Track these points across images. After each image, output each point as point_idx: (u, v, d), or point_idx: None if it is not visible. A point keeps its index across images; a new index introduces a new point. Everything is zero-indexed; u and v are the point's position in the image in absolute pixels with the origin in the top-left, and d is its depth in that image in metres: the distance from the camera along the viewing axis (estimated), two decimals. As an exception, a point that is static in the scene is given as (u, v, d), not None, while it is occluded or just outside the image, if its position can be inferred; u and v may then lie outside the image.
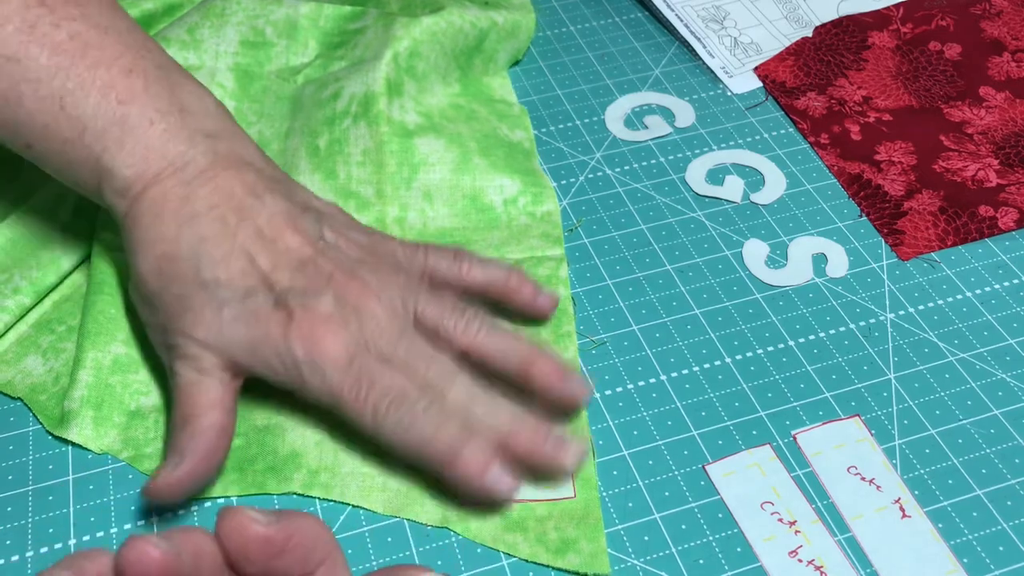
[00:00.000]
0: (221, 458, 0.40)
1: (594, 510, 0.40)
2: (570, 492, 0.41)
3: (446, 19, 0.55)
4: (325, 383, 0.39)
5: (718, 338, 0.47)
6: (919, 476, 0.42)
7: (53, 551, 0.40)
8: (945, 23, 0.64)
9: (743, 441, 0.43)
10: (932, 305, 0.48)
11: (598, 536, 0.39)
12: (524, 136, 0.55)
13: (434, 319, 0.41)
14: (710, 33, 0.63)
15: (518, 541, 0.39)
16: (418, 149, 0.51)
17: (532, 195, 0.51)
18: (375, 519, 0.40)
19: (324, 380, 0.39)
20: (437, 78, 0.55)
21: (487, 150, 0.52)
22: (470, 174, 0.51)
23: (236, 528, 0.26)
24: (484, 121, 0.54)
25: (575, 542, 0.39)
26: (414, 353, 0.40)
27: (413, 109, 0.53)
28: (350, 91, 0.52)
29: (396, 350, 0.40)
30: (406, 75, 0.53)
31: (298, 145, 0.52)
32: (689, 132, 0.57)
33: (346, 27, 0.57)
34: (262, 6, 0.56)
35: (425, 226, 0.50)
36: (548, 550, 0.39)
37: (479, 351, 0.41)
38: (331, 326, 0.39)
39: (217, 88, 0.54)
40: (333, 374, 0.39)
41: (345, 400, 0.39)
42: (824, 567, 0.39)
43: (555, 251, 0.49)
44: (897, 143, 0.56)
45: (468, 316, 0.41)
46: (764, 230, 0.52)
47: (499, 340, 0.41)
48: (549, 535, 0.39)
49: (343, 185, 0.50)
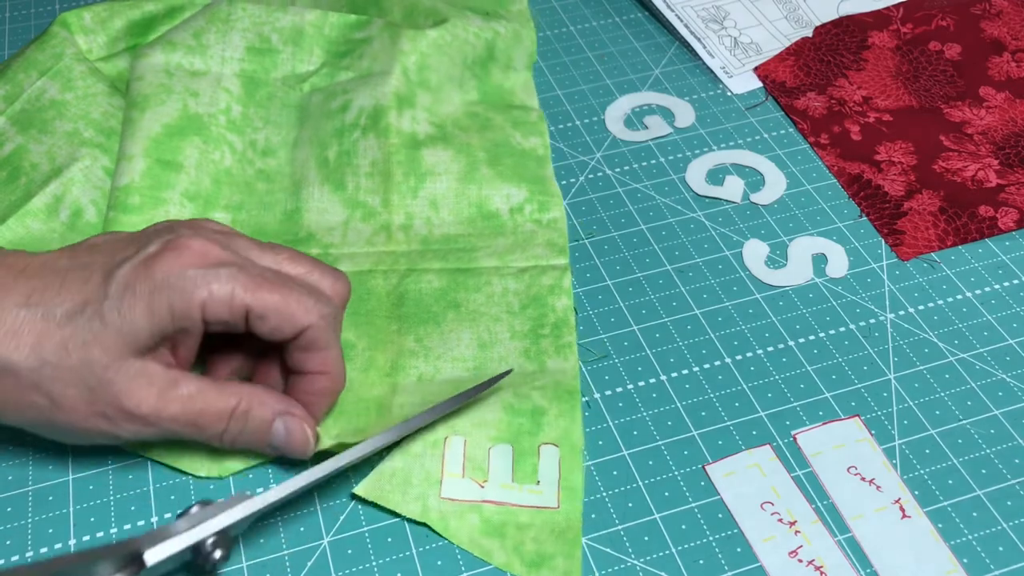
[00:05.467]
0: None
1: (575, 524, 0.40)
2: (554, 502, 0.41)
3: (451, 31, 0.56)
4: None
5: (718, 338, 0.47)
6: (919, 476, 0.42)
7: (53, 551, 0.40)
8: (945, 23, 0.64)
9: (743, 441, 0.43)
10: (932, 305, 0.48)
11: (575, 553, 0.39)
12: (539, 142, 0.55)
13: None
14: (710, 33, 0.63)
15: (494, 548, 0.39)
16: (425, 160, 0.52)
17: (539, 203, 0.51)
18: (375, 519, 0.40)
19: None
20: (453, 87, 0.56)
21: (496, 160, 0.53)
22: (476, 183, 0.51)
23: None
24: (498, 130, 0.54)
25: (551, 558, 0.39)
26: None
27: (426, 120, 0.53)
28: (359, 104, 0.53)
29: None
30: (418, 87, 0.54)
31: (307, 156, 0.52)
32: (689, 132, 0.57)
33: (351, 36, 0.57)
34: (268, 13, 0.56)
35: (430, 233, 0.50)
36: (523, 562, 0.39)
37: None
38: (194, 238, 0.39)
39: (223, 93, 0.54)
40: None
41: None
42: (824, 567, 0.39)
43: (559, 260, 0.49)
44: (897, 143, 0.56)
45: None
46: (764, 230, 0.52)
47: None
48: (526, 546, 0.39)
49: (351, 196, 0.51)
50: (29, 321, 0.37)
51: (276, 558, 0.39)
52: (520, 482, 0.41)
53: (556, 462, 0.41)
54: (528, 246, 0.50)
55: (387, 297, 0.47)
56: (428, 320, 0.46)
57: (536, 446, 0.42)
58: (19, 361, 0.37)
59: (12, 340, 0.37)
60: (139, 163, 0.50)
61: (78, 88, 0.54)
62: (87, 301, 0.38)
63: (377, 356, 0.45)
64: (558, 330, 0.46)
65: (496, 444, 0.42)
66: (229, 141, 0.52)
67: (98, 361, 0.37)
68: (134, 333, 0.37)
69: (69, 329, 0.37)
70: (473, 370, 0.44)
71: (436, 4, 0.60)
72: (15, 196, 0.50)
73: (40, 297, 0.38)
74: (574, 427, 0.43)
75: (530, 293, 0.47)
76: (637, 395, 0.45)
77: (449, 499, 0.40)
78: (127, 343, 0.37)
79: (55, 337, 0.37)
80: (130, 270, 0.38)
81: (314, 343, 0.40)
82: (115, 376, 0.37)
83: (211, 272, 0.38)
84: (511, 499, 0.40)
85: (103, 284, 0.38)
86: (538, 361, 0.45)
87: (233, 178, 0.51)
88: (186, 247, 0.38)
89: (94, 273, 0.39)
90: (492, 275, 0.48)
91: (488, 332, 0.46)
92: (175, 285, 0.38)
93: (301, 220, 0.51)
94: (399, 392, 0.44)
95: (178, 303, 0.38)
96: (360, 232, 0.50)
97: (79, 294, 0.38)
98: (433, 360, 0.45)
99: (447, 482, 0.41)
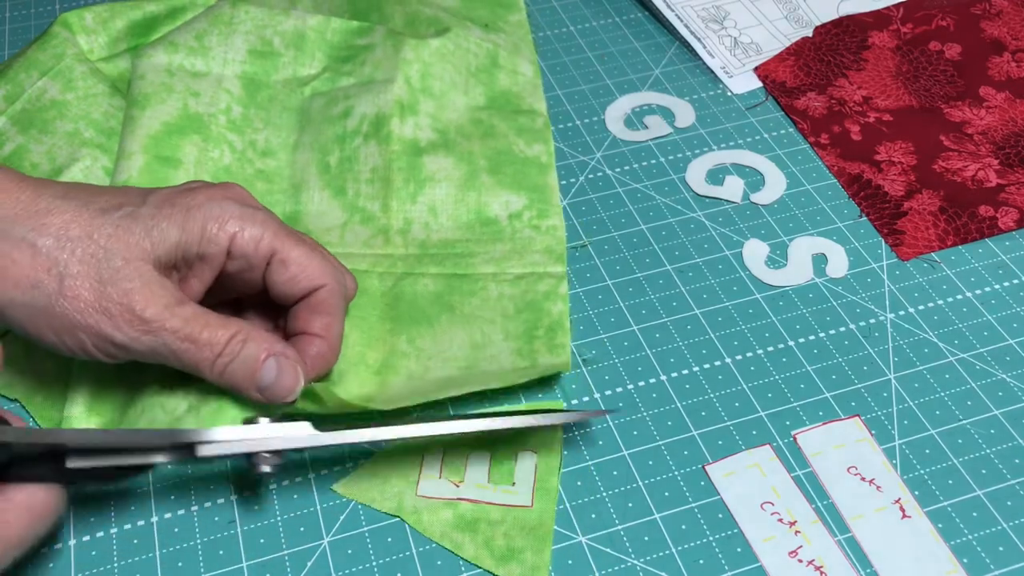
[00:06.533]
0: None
1: (547, 522, 0.40)
2: (528, 501, 0.41)
3: (453, 41, 0.56)
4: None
5: (718, 338, 0.47)
6: (919, 476, 0.42)
7: (53, 551, 0.40)
8: (945, 23, 0.64)
9: (743, 441, 0.43)
10: (932, 305, 0.48)
11: (544, 549, 0.39)
12: (542, 150, 0.54)
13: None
14: (710, 33, 0.63)
15: (464, 541, 0.40)
16: (426, 166, 0.52)
17: (538, 210, 0.51)
18: (375, 519, 0.41)
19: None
20: (457, 93, 0.56)
21: (497, 168, 0.52)
22: (476, 190, 0.51)
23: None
24: (501, 137, 0.54)
25: (521, 552, 0.39)
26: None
27: (429, 126, 0.53)
28: (361, 110, 0.53)
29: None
30: (421, 95, 0.54)
31: (308, 161, 0.52)
32: (689, 132, 0.57)
33: (353, 42, 0.57)
34: (270, 16, 0.57)
35: (428, 237, 0.50)
36: (492, 556, 0.39)
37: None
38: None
39: (224, 94, 0.54)
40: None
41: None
42: (824, 567, 0.39)
43: (556, 268, 0.49)
44: (897, 143, 0.56)
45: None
46: (764, 230, 0.52)
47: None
48: (497, 541, 0.40)
49: (351, 201, 0.51)
50: (62, 207, 0.38)
51: (276, 558, 0.39)
52: (496, 483, 0.41)
53: (533, 466, 0.42)
54: (526, 252, 0.50)
55: (382, 298, 0.47)
56: (421, 322, 0.46)
57: (515, 452, 0.42)
58: (43, 235, 0.38)
59: (42, 218, 0.38)
60: (138, 160, 0.50)
61: (79, 88, 0.54)
62: (124, 203, 0.40)
63: (368, 353, 0.45)
64: (552, 332, 0.46)
65: (475, 451, 0.42)
66: (229, 140, 0.52)
67: (119, 254, 0.38)
68: (162, 240, 0.39)
69: (100, 220, 0.39)
70: (464, 369, 0.44)
71: (438, 13, 0.60)
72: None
73: (78, 193, 0.39)
74: (555, 434, 0.43)
75: (525, 299, 0.47)
76: (637, 395, 0.45)
77: (424, 497, 0.41)
78: (151, 249, 0.39)
79: (84, 222, 0.38)
80: (171, 191, 0.41)
81: (323, 304, 0.41)
82: (130, 273, 0.38)
83: (248, 211, 0.41)
84: (485, 497, 0.41)
85: (143, 195, 0.40)
86: (530, 359, 0.45)
87: (232, 176, 0.51)
88: (231, 187, 0.42)
89: (134, 191, 0.41)
90: (488, 280, 0.48)
91: (481, 334, 0.46)
92: (213, 210, 0.40)
93: (299, 221, 0.51)
94: (387, 389, 0.44)
95: (211, 226, 0.40)
96: (358, 234, 0.50)
97: (117, 197, 0.40)
98: (424, 360, 0.45)
99: (423, 482, 0.41)
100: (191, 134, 0.51)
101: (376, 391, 0.44)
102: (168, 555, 0.39)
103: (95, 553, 0.40)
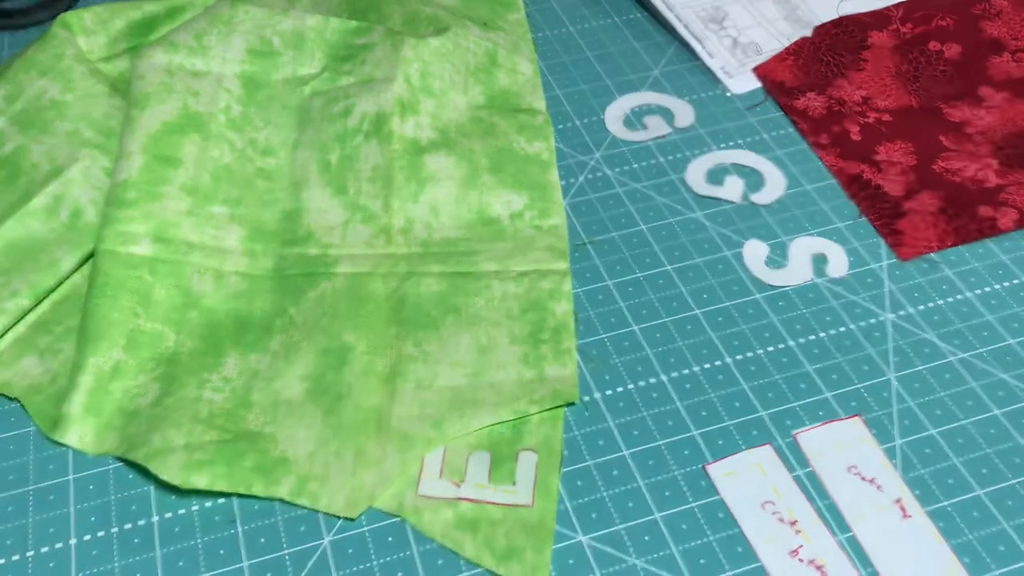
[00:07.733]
0: None
1: (548, 522, 0.40)
2: (528, 501, 0.41)
3: (452, 40, 0.57)
4: None
5: (718, 338, 0.47)
6: (919, 476, 0.42)
7: (53, 551, 0.40)
8: (945, 23, 0.64)
9: (743, 441, 0.43)
10: (932, 305, 0.48)
11: (545, 548, 0.39)
12: (543, 147, 0.55)
13: None
14: (709, 34, 0.63)
15: (466, 540, 0.40)
16: (427, 165, 0.52)
17: (539, 209, 0.51)
18: (375, 519, 0.41)
19: None
20: (457, 92, 0.56)
21: (498, 167, 0.53)
22: (477, 189, 0.51)
23: None
24: (501, 136, 0.54)
25: (521, 551, 0.39)
26: None
27: (429, 125, 0.53)
28: (361, 109, 0.53)
29: None
30: (421, 94, 0.54)
31: (308, 159, 0.52)
32: (689, 132, 0.57)
33: (352, 41, 0.57)
34: (269, 16, 0.57)
35: (430, 236, 0.50)
36: (493, 555, 0.39)
37: None
38: None
39: (224, 93, 0.54)
40: None
41: None
42: (825, 567, 0.39)
43: (559, 265, 0.49)
44: (897, 143, 0.56)
45: None
46: (764, 230, 0.52)
47: None
48: (498, 540, 0.40)
49: (352, 199, 0.51)
50: None
51: (276, 558, 0.39)
52: (496, 483, 0.41)
53: (533, 465, 0.42)
54: (528, 250, 0.50)
55: (386, 301, 0.47)
56: (427, 325, 0.46)
57: (515, 452, 0.42)
58: None
59: None
60: (137, 159, 0.50)
61: (79, 88, 0.54)
62: None
63: (376, 361, 0.45)
64: (557, 335, 0.46)
65: (475, 451, 0.42)
66: (229, 139, 0.52)
67: None
68: None
69: None
70: (471, 375, 0.44)
71: (437, 12, 0.60)
72: (15, 196, 0.50)
73: None
74: (555, 433, 0.43)
75: (530, 297, 0.47)
76: (637, 395, 0.45)
77: (425, 496, 0.41)
78: None
79: None
80: None
81: None
82: None
83: None
84: (486, 497, 0.41)
85: None
86: (537, 368, 0.45)
87: (232, 174, 0.51)
88: None
89: None
90: (492, 279, 0.48)
91: (487, 336, 0.46)
92: None
93: (301, 219, 0.51)
94: (397, 402, 0.44)
95: None
96: (360, 233, 0.50)
97: None
98: (431, 365, 0.45)
99: (424, 482, 0.41)
100: (191, 133, 0.52)
101: (385, 402, 0.43)
102: (168, 555, 0.39)
103: (95, 552, 0.40)
